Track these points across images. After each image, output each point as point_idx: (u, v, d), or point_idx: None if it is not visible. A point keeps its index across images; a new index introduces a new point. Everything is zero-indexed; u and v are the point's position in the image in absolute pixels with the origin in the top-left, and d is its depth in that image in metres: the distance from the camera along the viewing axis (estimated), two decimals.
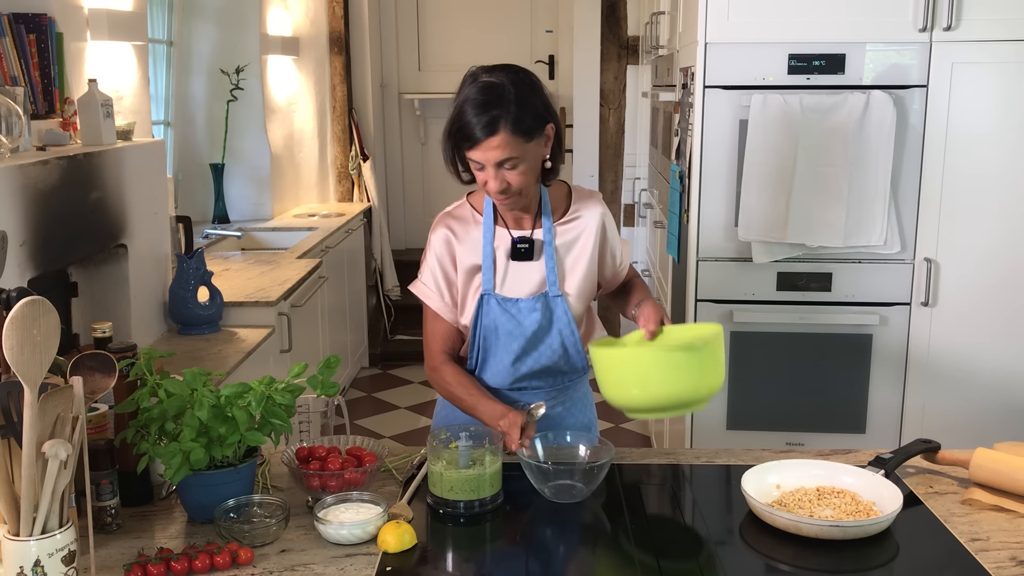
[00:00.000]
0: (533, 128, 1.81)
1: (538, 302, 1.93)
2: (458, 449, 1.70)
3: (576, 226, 1.97)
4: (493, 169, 1.79)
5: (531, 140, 1.81)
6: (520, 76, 1.84)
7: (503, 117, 1.76)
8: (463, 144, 1.80)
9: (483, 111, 1.77)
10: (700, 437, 3.11)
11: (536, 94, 1.84)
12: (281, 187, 5.11)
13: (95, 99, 2.73)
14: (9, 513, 1.31)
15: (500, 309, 1.93)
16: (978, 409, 3.03)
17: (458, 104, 1.82)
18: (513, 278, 1.94)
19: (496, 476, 1.68)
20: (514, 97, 1.79)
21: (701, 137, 2.95)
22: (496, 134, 1.76)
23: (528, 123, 1.80)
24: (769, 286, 3.00)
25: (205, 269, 3.10)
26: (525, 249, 1.92)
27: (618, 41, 5.68)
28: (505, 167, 1.80)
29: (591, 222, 1.97)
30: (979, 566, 1.46)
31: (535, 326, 1.93)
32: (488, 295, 1.93)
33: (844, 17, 2.85)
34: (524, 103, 1.80)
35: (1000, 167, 2.91)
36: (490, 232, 1.94)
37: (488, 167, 1.79)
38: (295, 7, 5.32)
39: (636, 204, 5.64)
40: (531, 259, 1.93)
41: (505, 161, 1.79)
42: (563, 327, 1.95)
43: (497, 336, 1.95)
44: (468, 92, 1.81)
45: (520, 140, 1.79)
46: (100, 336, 1.78)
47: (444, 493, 1.66)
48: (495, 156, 1.78)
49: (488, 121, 1.76)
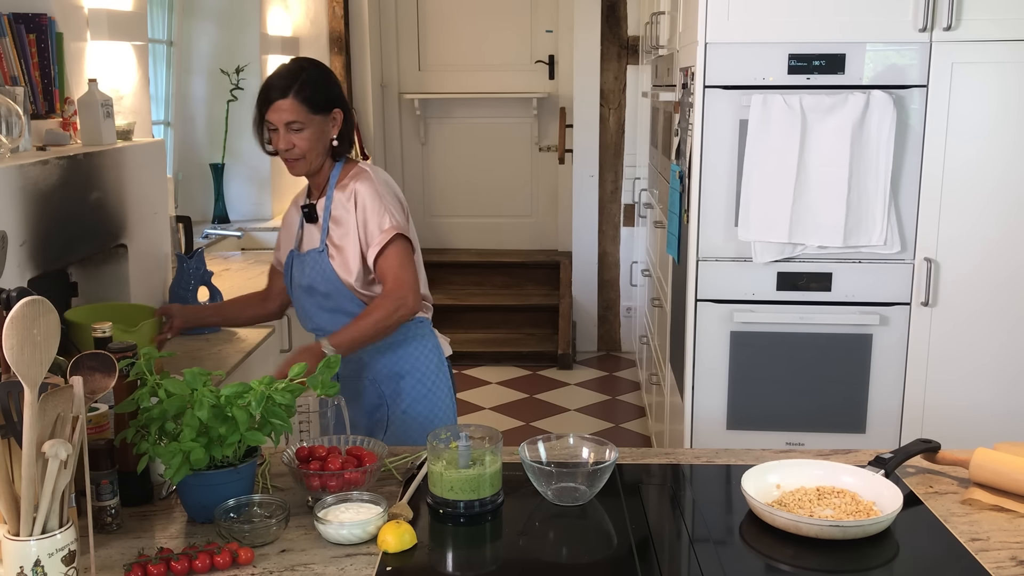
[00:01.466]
0: (318, 104, 2.23)
1: (309, 256, 2.35)
2: (458, 449, 1.70)
3: (345, 196, 2.32)
4: (283, 130, 2.22)
5: (316, 113, 2.23)
6: (317, 65, 2.31)
7: (295, 87, 2.21)
8: (263, 108, 2.23)
9: (280, 80, 2.23)
10: (700, 437, 3.11)
11: (328, 81, 2.30)
12: (281, 187, 5.11)
13: (95, 99, 2.73)
14: (9, 513, 1.31)
15: (296, 263, 2.40)
16: (978, 409, 3.03)
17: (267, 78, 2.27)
18: (305, 238, 2.39)
19: (496, 476, 1.68)
20: (307, 76, 2.24)
21: (701, 137, 2.95)
22: (286, 98, 2.20)
23: (312, 97, 2.22)
24: (769, 286, 3.00)
25: (205, 269, 3.10)
26: (307, 213, 2.37)
27: (618, 41, 5.68)
28: (293, 128, 2.22)
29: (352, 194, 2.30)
30: (979, 566, 1.46)
31: (310, 275, 2.33)
32: (292, 252, 2.42)
33: (844, 17, 2.85)
34: (314, 82, 2.24)
35: (1000, 167, 2.91)
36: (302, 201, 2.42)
37: (280, 128, 2.22)
38: (295, 7, 5.32)
39: (636, 204, 5.64)
40: (314, 222, 2.36)
41: (292, 123, 2.21)
42: (329, 278, 2.31)
43: (294, 286, 2.40)
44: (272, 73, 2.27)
45: (305, 109, 2.21)
46: (100, 336, 1.78)
47: (444, 493, 1.66)
48: (283, 117, 2.21)
49: (282, 87, 2.21)
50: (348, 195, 2.31)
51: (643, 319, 5.06)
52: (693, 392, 3.07)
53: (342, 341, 2.17)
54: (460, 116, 6.34)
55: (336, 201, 2.33)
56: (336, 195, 2.33)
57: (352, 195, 2.30)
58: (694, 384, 3.06)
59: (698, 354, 3.06)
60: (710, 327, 3.03)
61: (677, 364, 3.28)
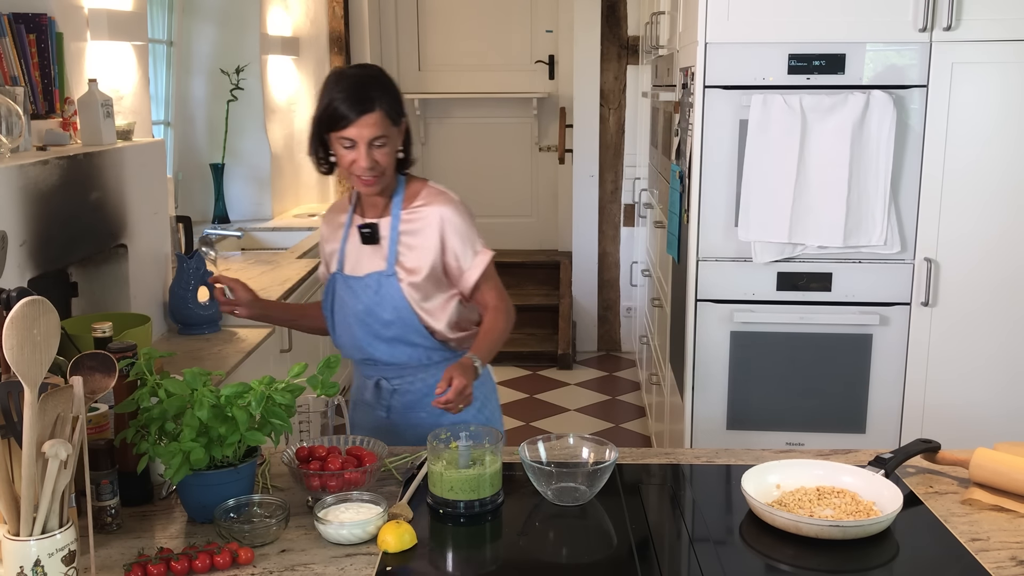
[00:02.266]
0: (398, 115, 2.06)
1: (371, 279, 2.12)
2: (458, 449, 1.70)
3: (419, 216, 2.14)
4: (365, 147, 2.00)
5: (396, 125, 2.05)
6: (383, 72, 2.10)
7: (378, 98, 1.99)
8: (337, 124, 1.99)
9: (360, 92, 1.99)
10: (700, 437, 3.11)
11: (397, 89, 2.09)
12: (281, 187, 5.11)
13: (95, 99, 2.73)
14: (9, 513, 1.31)
15: (344, 286, 2.16)
16: (978, 409, 3.03)
17: (327, 95, 2.01)
18: (362, 260, 2.15)
19: (496, 476, 1.68)
20: (386, 84, 2.05)
21: (701, 137, 2.95)
22: (372, 112, 1.98)
23: (396, 108, 2.04)
24: (769, 286, 3.00)
25: (205, 269, 3.10)
26: (368, 233, 2.14)
27: (618, 41, 5.68)
28: (376, 144, 2.01)
29: (433, 217, 2.13)
30: (979, 566, 1.46)
31: (368, 301, 2.12)
32: (336, 274, 2.18)
33: (844, 17, 2.85)
34: (392, 91, 2.06)
35: (1000, 167, 2.91)
36: (350, 219, 2.20)
37: (360, 144, 2.00)
38: (295, 7, 5.32)
39: (636, 204, 5.64)
40: (374, 242, 2.14)
41: (376, 139, 2.00)
42: (397, 304, 2.10)
43: (343, 312, 2.16)
44: (339, 81, 2.02)
45: (389, 122, 2.02)
46: (100, 336, 1.78)
47: (444, 493, 1.66)
48: (369, 133, 1.99)
49: (366, 99, 1.98)
50: (425, 217, 2.13)
51: (643, 319, 5.06)
52: (693, 392, 3.07)
53: (484, 354, 2.04)
54: (460, 116, 6.33)
55: (405, 221, 2.14)
56: (404, 215, 2.14)
57: (436, 218, 2.12)
58: (694, 384, 3.06)
59: (698, 354, 3.06)
60: (710, 327, 3.03)
61: (677, 364, 3.28)
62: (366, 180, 2.05)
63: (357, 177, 2.05)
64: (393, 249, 2.12)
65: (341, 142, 2.01)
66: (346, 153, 2.02)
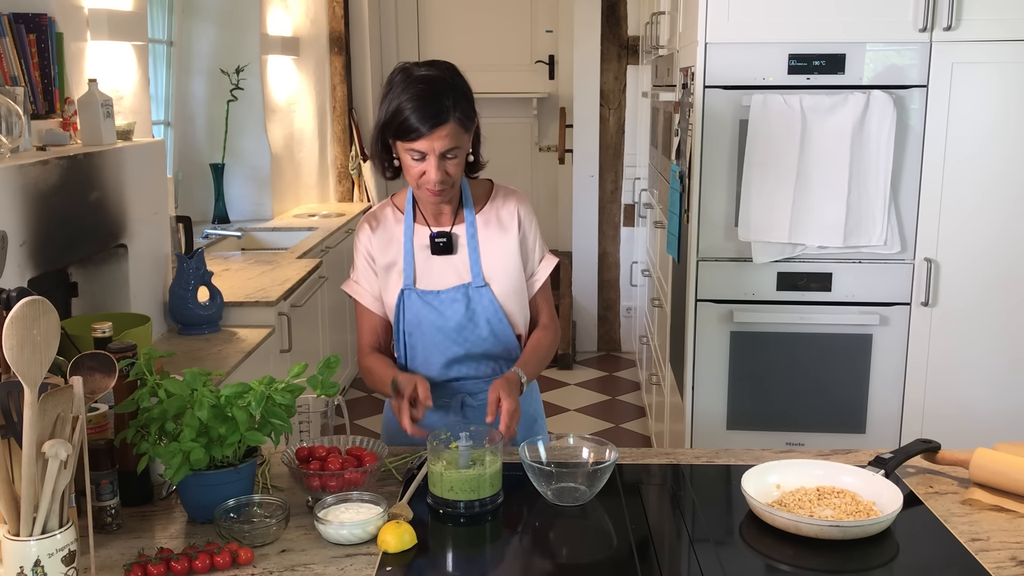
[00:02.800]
0: (471, 120, 1.88)
1: (459, 292, 1.96)
2: (458, 449, 1.70)
3: (496, 217, 2.01)
4: (436, 159, 1.83)
5: (468, 131, 1.88)
6: (455, 71, 1.90)
7: (451, 107, 1.81)
8: (407, 135, 1.82)
9: (433, 101, 1.80)
10: (700, 437, 3.11)
11: (468, 88, 1.90)
12: (281, 187, 5.11)
13: (95, 99, 2.73)
14: (9, 513, 1.31)
15: (422, 302, 1.97)
16: (978, 409, 3.03)
17: (395, 99, 1.83)
18: (433, 272, 1.98)
19: (496, 476, 1.68)
20: (459, 87, 1.86)
21: (701, 137, 2.95)
22: (446, 124, 1.80)
23: (469, 113, 1.87)
24: (769, 286, 3.00)
25: (205, 269, 3.10)
26: (443, 243, 1.97)
27: (618, 41, 5.68)
28: (448, 157, 1.84)
29: (509, 215, 2.01)
30: (979, 566, 1.46)
31: (459, 316, 1.96)
32: (408, 290, 1.97)
33: (844, 17, 2.85)
34: (466, 95, 1.87)
35: (1000, 167, 2.91)
36: (410, 229, 1.99)
37: (432, 157, 1.83)
38: (295, 7, 5.32)
39: (636, 204, 5.64)
40: (450, 253, 1.97)
41: (449, 151, 1.83)
42: (491, 316, 1.97)
43: (422, 330, 1.98)
44: (408, 85, 1.83)
45: (462, 131, 1.85)
46: (100, 336, 1.78)
47: (444, 493, 1.66)
48: (441, 146, 1.82)
49: (438, 110, 1.80)
50: (501, 219, 2.01)
51: (643, 319, 5.06)
52: (693, 392, 3.07)
53: (530, 371, 1.96)
54: None
55: (481, 225, 2.00)
56: (479, 219, 2.00)
57: (513, 218, 2.01)
58: (694, 384, 3.07)
59: (698, 354, 3.06)
60: (710, 327, 3.03)
61: (677, 364, 3.28)
62: (435, 191, 1.88)
63: (426, 189, 1.89)
64: (475, 258, 1.97)
65: (410, 153, 1.85)
66: (415, 164, 1.86)
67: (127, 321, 2.64)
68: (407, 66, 1.88)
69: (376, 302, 2.04)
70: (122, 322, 2.59)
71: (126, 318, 2.66)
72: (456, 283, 1.97)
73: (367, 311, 2.05)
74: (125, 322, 2.62)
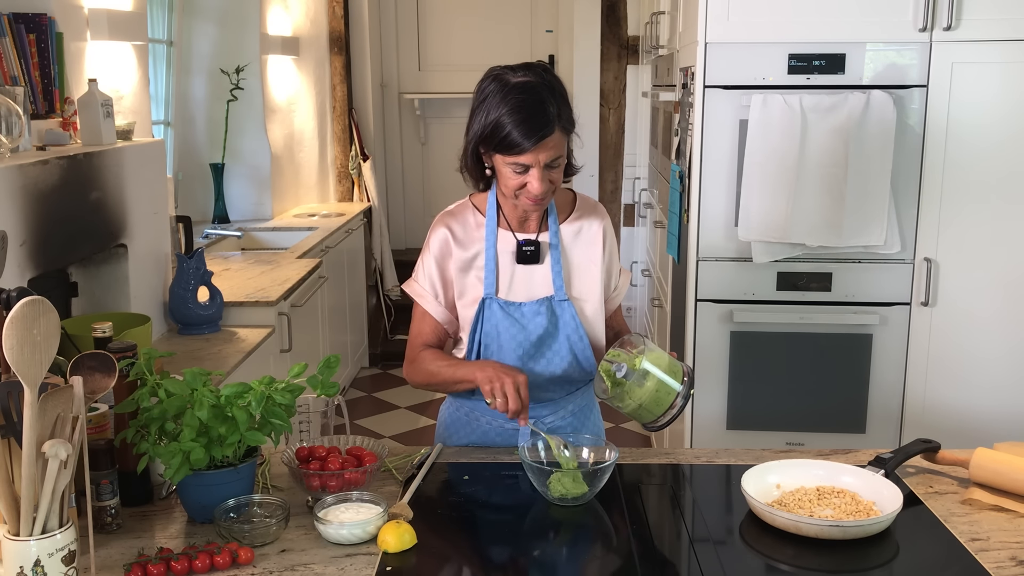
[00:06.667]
0: (573, 123, 1.79)
1: (542, 306, 1.87)
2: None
3: (581, 229, 1.93)
4: (540, 171, 1.74)
5: (570, 135, 1.79)
6: (549, 71, 1.80)
7: (555, 116, 1.72)
8: (510, 150, 1.72)
9: (538, 112, 1.70)
10: (700, 437, 3.11)
11: (564, 88, 1.81)
12: (281, 187, 5.11)
13: (95, 99, 2.73)
14: (9, 513, 1.31)
15: (503, 313, 1.87)
16: (978, 409, 3.03)
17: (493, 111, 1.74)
18: (517, 281, 1.88)
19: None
20: (558, 90, 1.77)
21: (701, 137, 2.95)
22: (553, 134, 1.72)
23: (570, 116, 1.78)
24: (769, 286, 3.00)
25: (205, 269, 3.10)
26: (531, 252, 1.87)
27: (618, 41, 5.68)
28: (552, 166, 1.76)
29: (595, 229, 1.94)
30: (979, 566, 1.46)
31: (540, 331, 1.87)
32: (490, 299, 1.87)
33: (844, 17, 2.85)
34: (564, 97, 1.77)
35: (1000, 167, 2.91)
36: (493, 234, 1.88)
37: (536, 169, 1.74)
38: (295, 7, 5.32)
39: (636, 204, 5.64)
40: (537, 262, 1.88)
41: (555, 160, 1.75)
42: (571, 333, 1.88)
43: (500, 342, 1.87)
44: (507, 96, 1.73)
45: (565, 138, 1.77)
46: (100, 336, 1.78)
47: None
48: (547, 156, 1.73)
49: (543, 122, 1.71)
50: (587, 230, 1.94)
51: (643, 319, 5.06)
52: (693, 392, 3.07)
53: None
54: (460, 116, 6.28)
55: (566, 236, 1.92)
56: (564, 229, 1.92)
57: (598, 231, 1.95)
58: (694, 384, 3.06)
59: (698, 354, 3.06)
60: (710, 327, 3.03)
61: None
62: (537, 202, 1.78)
63: (526, 199, 1.78)
64: (558, 270, 1.88)
65: (511, 166, 1.75)
66: (515, 177, 1.75)
67: (127, 321, 2.64)
68: (499, 73, 1.78)
69: (439, 308, 1.93)
70: (122, 322, 2.59)
71: (126, 318, 2.66)
72: (538, 295, 1.88)
73: (426, 315, 1.94)
74: (125, 322, 2.62)
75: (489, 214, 1.89)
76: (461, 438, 2.01)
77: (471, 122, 1.80)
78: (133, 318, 2.68)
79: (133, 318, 2.68)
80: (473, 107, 1.80)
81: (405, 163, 6.47)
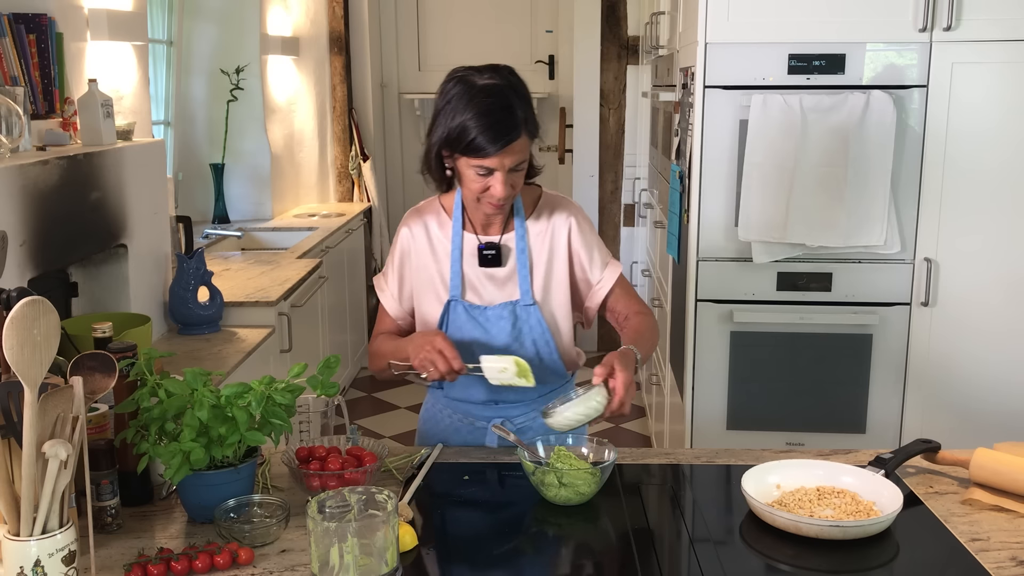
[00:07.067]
0: (538, 126, 1.78)
1: (506, 310, 1.86)
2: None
3: (545, 229, 1.89)
4: (504, 175, 1.72)
5: (533, 139, 1.78)
6: (514, 74, 1.78)
7: (523, 121, 1.71)
8: (475, 154, 1.70)
9: (504, 117, 1.69)
10: (700, 437, 3.11)
11: (527, 90, 1.78)
12: (281, 187, 5.11)
13: (95, 99, 2.73)
14: (9, 513, 1.31)
15: (467, 316, 1.87)
16: (978, 409, 3.03)
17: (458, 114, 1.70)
18: (483, 284, 1.87)
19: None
20: (523, 93, 1.75)
21: (701, 137, 2.95)
22: (519, 138, 1.71)
23: (534, 119, 1.76)
24: (769, 286, 3.00)
25: (205, 269, 3.10)
26: (492, 255, 1.85)
27: (618, 41, 5.68)
28: (516, 170, 1.74)
29: (560, 226, 1.90)
30: (979, 566, 1.46)
31: (504, 335, 1.86)
32: (455, 301, 1.87)
33: (844, 17, 2.85)
34: (528, 100, 1.75)
35: (1000, 167, 2.91)
36: (458, 236, 1.88)
37: (500, 172, 1.72)
38: (295, 7, 5.32)
39: (636, 204, 5.64)
40: (499, 265, 1.86)
41: (519, 164, 1.74)
42: (537, 337, 1.88)
43: (464, 345, 1.86)
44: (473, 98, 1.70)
45: (529, 141, 1.75)
46: (100, 336, 1.78)
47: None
48: (512, 161, 1.72)
49: (512, 126, 1.69)
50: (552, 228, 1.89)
51: None
52: (693, 392, 3.07)
53: (644, 350, 1.82)
54: None
55: (532, 236, 1.88)
56: (530, 226, 1.88)
57: (563, 227, 1.89)
58: (694, 384, 3.07)
59: (698, 354, 3.06)
60: (710, 327, 3.03)
61: (677, 364, 3.28)
62: (498, 206, 1.78)
63: (488, 203, 1.77)
64: (524, 274, 1.85)
65: (474, 169, 1.72)
66: (478, 180, 1.73)
67: (127, 321, 2.64)
68: (463, 74, 1.75)
69: (396, 305, 1.95)
70: (122, 322, 2.59)
71: (126, 318, 2.67)
72: (503, 299, 1.87)
73: (386, 313, 1.97)
74: (125, 322, 2.62)
75: (455, 216, 1.89)
76: (435, 436, 2.03)
77: (434, 124, 1.77)
78: (133, 318, 2.68)
79: (133, 318, 2.68)
80: (437, 109, 1.76)
81: (405, 163, 6.47)
